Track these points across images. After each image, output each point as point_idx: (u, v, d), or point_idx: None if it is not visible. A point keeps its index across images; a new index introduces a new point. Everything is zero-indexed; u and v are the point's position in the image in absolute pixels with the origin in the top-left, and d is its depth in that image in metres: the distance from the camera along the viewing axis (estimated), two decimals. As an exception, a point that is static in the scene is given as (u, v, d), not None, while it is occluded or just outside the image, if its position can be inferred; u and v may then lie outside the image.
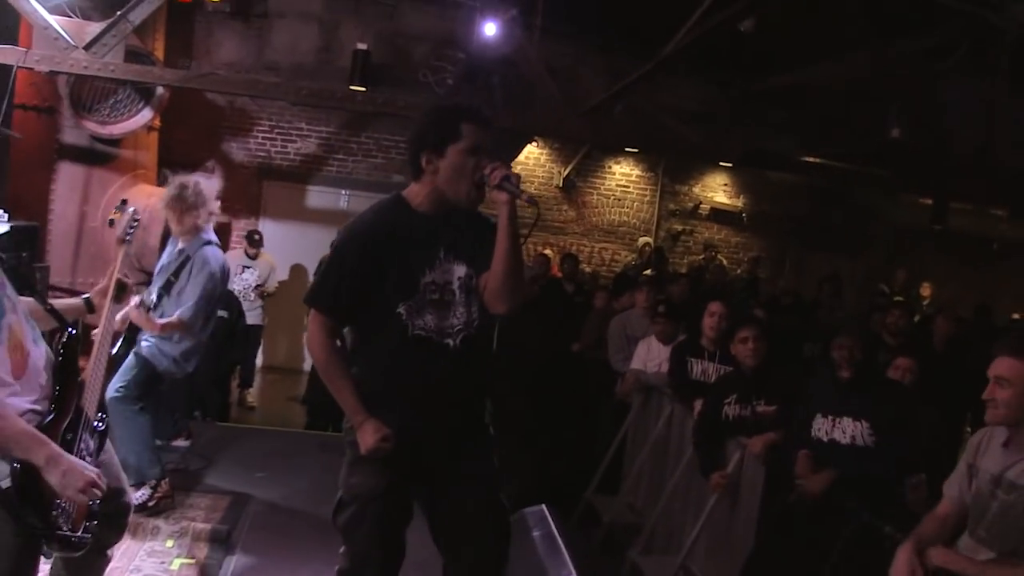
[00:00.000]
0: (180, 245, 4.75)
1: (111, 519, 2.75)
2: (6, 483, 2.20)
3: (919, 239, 11.75)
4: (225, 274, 4.88)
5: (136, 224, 3.39)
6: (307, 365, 9.73)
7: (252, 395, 8.44)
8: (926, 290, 10.88)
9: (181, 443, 5.98)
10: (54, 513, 2.28)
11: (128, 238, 3.36)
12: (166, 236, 5.41)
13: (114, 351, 4.39)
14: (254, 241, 8.41)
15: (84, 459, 2.53)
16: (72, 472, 2.28)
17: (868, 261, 11.87)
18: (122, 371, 4.61)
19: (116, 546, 3.02)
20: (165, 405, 5.44)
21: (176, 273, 4.65)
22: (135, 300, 4.22)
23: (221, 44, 9.65)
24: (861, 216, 12.05)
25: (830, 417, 4.05)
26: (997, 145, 9.74)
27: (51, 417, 2.47)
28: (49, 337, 2.71)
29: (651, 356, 6.12)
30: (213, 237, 4.83)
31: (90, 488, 2.32)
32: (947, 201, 11.25)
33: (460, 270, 2.68)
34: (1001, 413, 2.87)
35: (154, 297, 4.59)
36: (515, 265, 2.60)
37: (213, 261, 4.68)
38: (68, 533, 2.32)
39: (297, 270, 9.98)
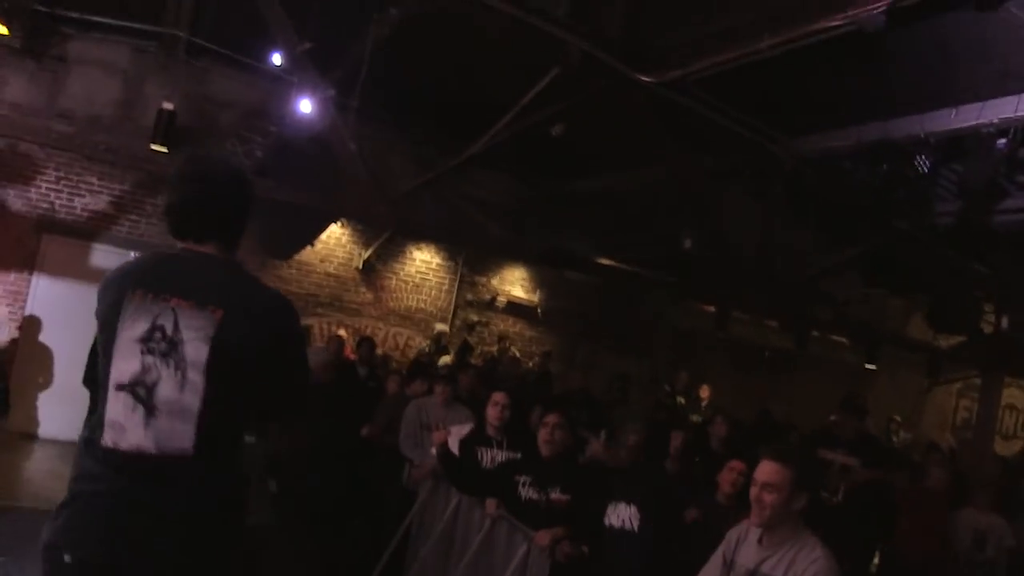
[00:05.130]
0: None
1: None
2: None
3: (701, 343, 13.42)
4: None
5: None
6: (44, 431, 9.95)
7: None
8: (705, 391, 12.19)
9: None
10: None
11: None
12: None
13: None
14: None
15: None
16: None
17: (654, 362, 13.31)
18: None
19: None
20: None
21: None
22: None
23: (6, 81, 9.55)
24: (649, 319, 13.62)
25: (614, 503, 4.70)
26: (773, 262, 11.53)
27: None
28: None
29: (452, 445, 6.21)
30: None
31: None
32: (728, 310, 12.67)
33: None
34: (767, 515, 3.36)
35: None
36: None
37: None
38: None
39: (37, 325, 9.99)
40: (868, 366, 15.41)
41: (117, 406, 2.40)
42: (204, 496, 2.40)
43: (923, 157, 7.32)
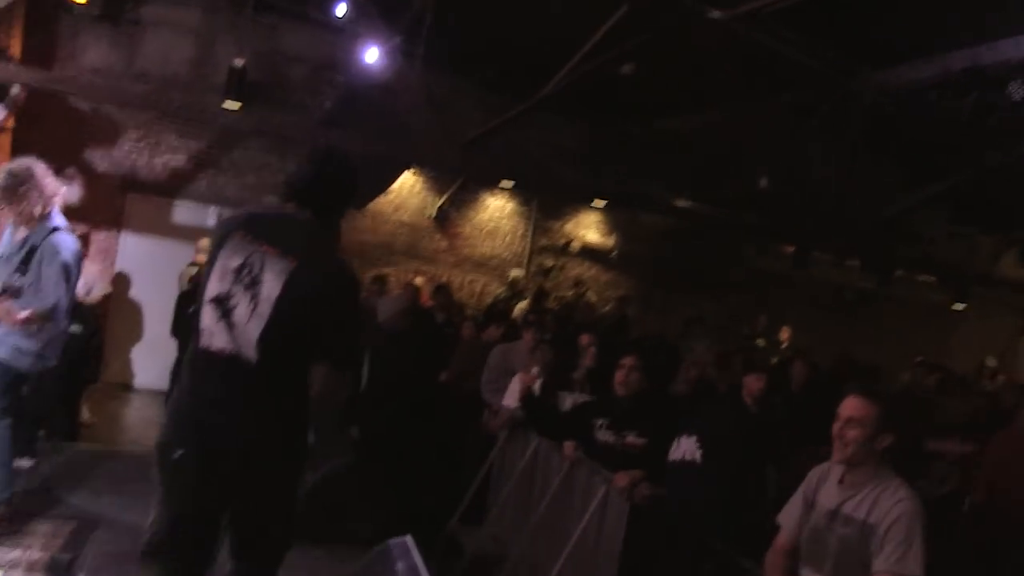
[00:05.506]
0: (21, 234, 4.71)
1: None
2: None
3: (780, 285, 13.14)
4: (79, 261, 4.87)
5: None
6: (139, 381, 10.42)
7: (87, 412, 8.45)
8: (785, 334, 12.00)
9: (24, 463, 5.87)
10: None
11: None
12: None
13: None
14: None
15: None
16: None
17: (731, 304, 13.01)
18: None
19: None
20: (25, 415, 5.35)
21: (24, 263, 4.60)
22: None
23: (87, 47, 9.84)
24: (727, 261, 13.35)
25: (676, 438, 4.67)
26: (854, 201, 11.00)
27: None
28: None
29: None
30: (61, 222, 4.79)
31: None
32: (808, 250, 12.41)
33: None
34: (849, 451, 3.26)
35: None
36: None
37: (64, 250, 4.66)
38: None
39: (126, 281, 10.38)
40: (956, 307, 14.92)
41: (209, 315, 3.04)
42: (271, 400, 2.99)
43: (1018, 83, 6.94)
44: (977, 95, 7.33)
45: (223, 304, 3.01)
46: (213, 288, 3.04)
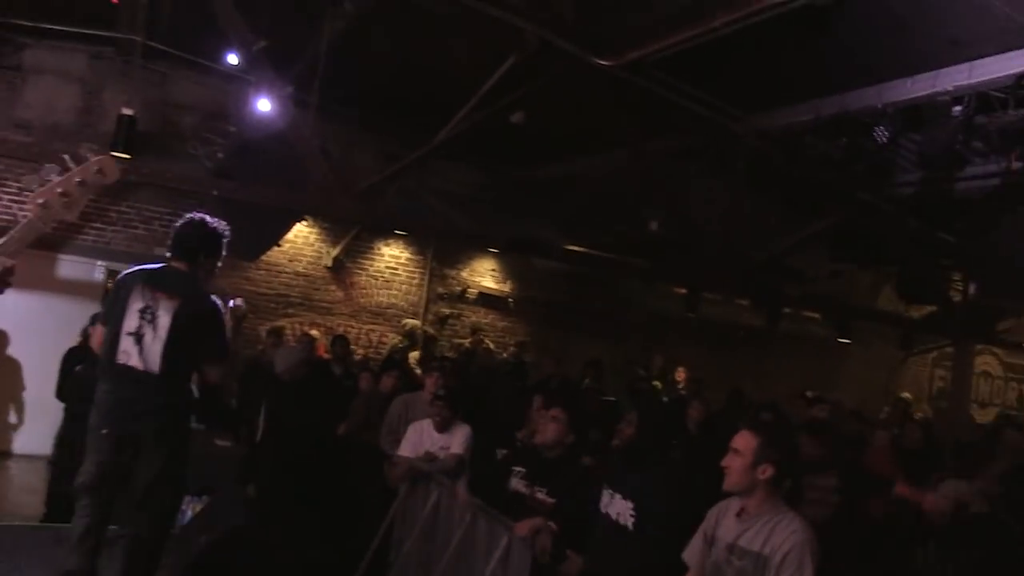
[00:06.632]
0: None
1: None
2: None
3: (674, 326, 13.37)
4: None
5: None
6: (18, 447, 9.91)
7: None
8: (680, 374, 12.19)
9: None
10: None
11: None
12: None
13: None
14: None
15: None
16: None
17: (627, 346, 13.21)
18: None
19: None
20: None
21: None
22: None
23: (-39, 95, 9.52)
24: (620, 303, 13.54)
25: (610, 491, 4.35)
26: (740, 241, 11.40)
27: None
28: None
29: (423, 441, 6.33)
30: None
31: None
32: (699, 291, 12.74)
33: None
34: (732, 480, 3.43)
35: None
36: None
37: None
38: None
39: (5, 339, 10.02)
40: (841, 340, 15.48)
41: (126, 343, 4.22)
42: (166, 399, 4.25)
43: (882, 128, 7.37)
44: (847, 139, 7.71)
45: (135, 335, 4.23)
46: (127, 325, 4.25)
